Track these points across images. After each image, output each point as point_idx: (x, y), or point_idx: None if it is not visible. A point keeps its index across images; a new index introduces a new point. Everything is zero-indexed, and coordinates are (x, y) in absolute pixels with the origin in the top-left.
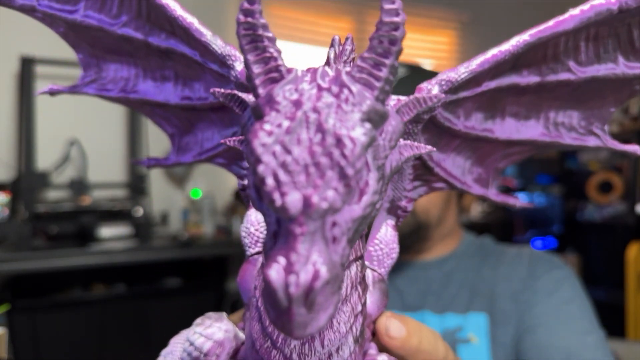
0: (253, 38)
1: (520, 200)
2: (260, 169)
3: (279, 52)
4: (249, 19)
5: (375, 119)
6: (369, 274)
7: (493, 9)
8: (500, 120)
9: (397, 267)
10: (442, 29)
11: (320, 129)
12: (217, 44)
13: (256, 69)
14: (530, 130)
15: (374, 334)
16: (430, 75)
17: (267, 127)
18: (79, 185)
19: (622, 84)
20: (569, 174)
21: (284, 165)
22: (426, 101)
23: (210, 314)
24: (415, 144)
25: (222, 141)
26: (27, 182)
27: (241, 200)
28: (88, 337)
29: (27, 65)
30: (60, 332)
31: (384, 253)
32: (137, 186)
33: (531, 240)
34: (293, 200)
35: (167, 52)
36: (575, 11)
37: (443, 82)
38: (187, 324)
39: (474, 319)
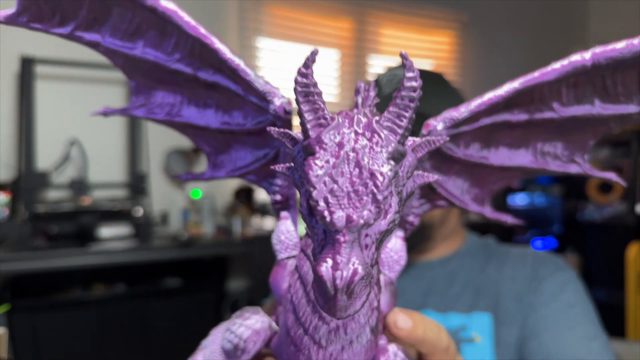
0: (306, 94)
1: (512, 218)
2: (315, 193)
3: (324, 102)
4: (304, 80)
5: (398, 157)
6: (381, 277)
7: (493, 9)
8: (495, 149)
9: None
10: (442, 29)
11: (358, 165)
12: (259, 83)
13: (308, 117)
14: (521, 158)
15: (384, 327)
16: (428, 76)
17: (318, 162)
18: (79, 185)
19: (599, 122)
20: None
21: (331, 192)
22: (435, 142)
23: (248, 307)
24: (426, 174)
25: (272, 167)
26: (27, 182)
27: (241, 201)
28: (88, 337)
29: (27, 65)
30: (60, 332)
31: (394, 260)
32: (137, 186)
33: (531, 240)
34: (339, 217)
35: (213, 85)
36: (556, 65)
37: (447, 120)
38: (187, 323)
39: (478, 318)
